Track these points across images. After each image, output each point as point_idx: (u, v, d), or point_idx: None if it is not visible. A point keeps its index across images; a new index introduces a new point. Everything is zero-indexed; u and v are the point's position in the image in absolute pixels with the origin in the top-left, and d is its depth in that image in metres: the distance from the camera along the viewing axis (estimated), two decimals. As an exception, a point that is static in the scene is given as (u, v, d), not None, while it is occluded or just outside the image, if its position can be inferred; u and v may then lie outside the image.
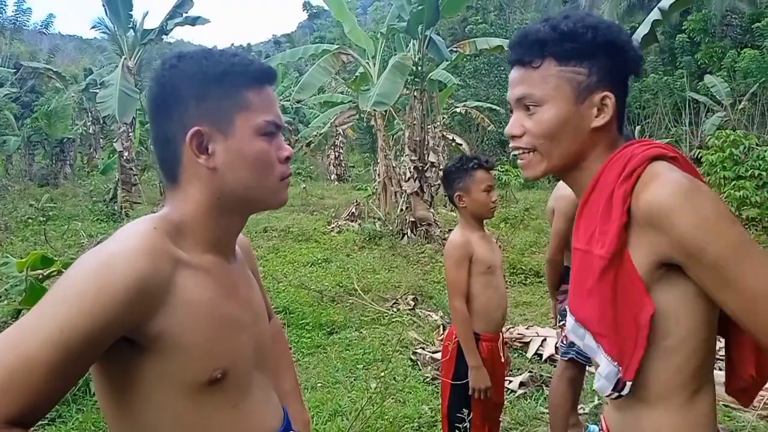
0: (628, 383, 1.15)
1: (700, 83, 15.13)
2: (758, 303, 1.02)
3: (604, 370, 1.18)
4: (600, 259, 1.13)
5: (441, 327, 5.50)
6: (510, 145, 1.26)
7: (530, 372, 4.44)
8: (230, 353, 1.09)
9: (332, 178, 20.57)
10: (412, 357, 4.87)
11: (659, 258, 1.09)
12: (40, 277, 4.31)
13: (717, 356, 1.25)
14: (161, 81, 1.10)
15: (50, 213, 11.79)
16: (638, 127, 16.53)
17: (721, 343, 1.23)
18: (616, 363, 1.16)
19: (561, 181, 3.38)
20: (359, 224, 10.71)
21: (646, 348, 1.12)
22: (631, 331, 1.12)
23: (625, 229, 1.11)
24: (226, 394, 1.09)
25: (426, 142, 10.26)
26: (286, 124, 1.18)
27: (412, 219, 9.67)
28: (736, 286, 1.03)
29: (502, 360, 2.81)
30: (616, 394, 1.17)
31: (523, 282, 7.29)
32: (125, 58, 12.22)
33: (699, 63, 16.44)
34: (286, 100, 20.93)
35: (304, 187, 15.17)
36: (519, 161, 1.27)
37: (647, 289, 1.10)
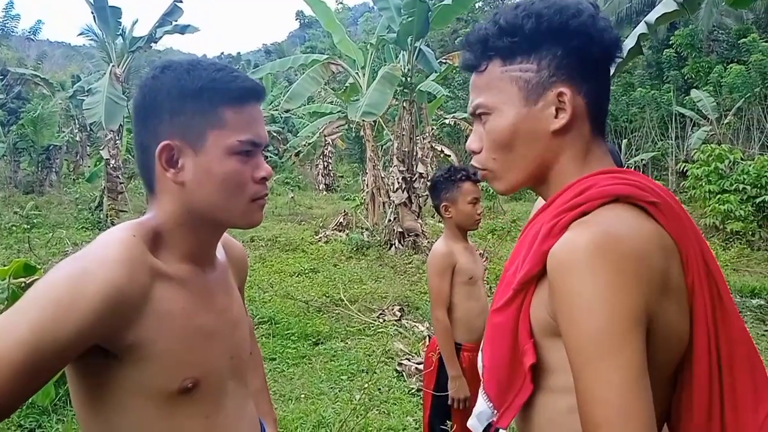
0: (501, 431, 1.00)
1: (687, 97, 15.29)
2: (588, 407, 0.84)
3: (477, 407, 1.06)
4: (515, 284, 0.99)
5: (427, 338, 5.48)
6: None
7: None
8: (202, 363, 1.09)
9: (321, 187, 20.58)
10: (398, 368, 4.86)
11: (547, 314, 0.95)
12: (23, 285, 4.25)
13: None
14: (143, 90, 1.10)
15: (35, 220, 11.69)
16: (625, 141, 16.68)
17: None
18: (491, 404, 1.03)
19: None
20: (347, 234, 10.70)
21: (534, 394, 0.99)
22: (514, 376, 0.99)
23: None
24: (198, 404, 1.09)
25: (414, 153, 10.28)
26: (268, 141, 1.13)
27: (400, 229, 9.67)
28: (577, 380, 0.87)
29: (485, 371, 2.80)
30: None
31: (510, 293, 7.28)
32: (113, 66, 12.17)
33: (686, 77, 16.62)
34: (275, 110, 20.91)
35: (292, 197, 15.17)
36: (481, 177, 1.13)
37: (531, 334, 0.97)
